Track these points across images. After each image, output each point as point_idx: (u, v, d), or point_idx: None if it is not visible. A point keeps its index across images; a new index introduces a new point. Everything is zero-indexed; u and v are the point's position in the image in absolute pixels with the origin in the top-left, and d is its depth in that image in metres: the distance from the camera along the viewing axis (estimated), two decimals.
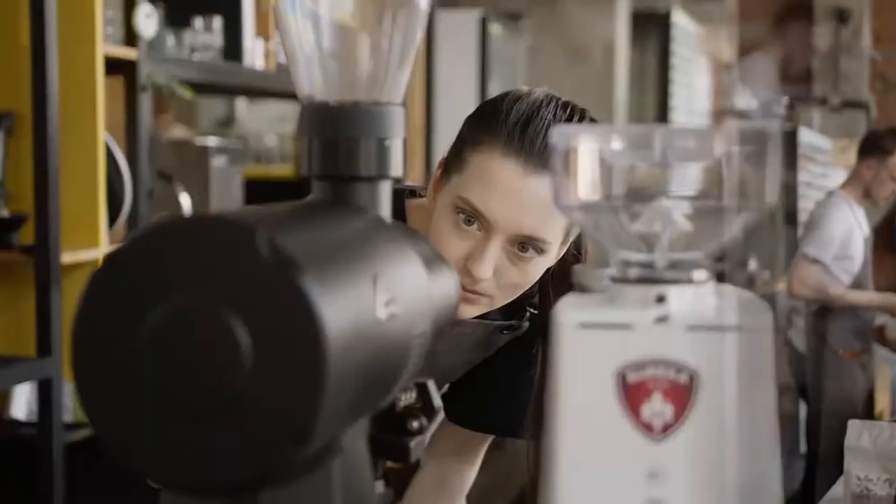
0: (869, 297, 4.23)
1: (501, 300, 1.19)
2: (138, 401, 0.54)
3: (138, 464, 0.54)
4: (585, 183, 0.61)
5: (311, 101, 0.67)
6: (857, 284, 4.06)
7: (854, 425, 1.70)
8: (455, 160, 1.18)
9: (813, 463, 4.06)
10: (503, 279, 1.16)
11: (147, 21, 2.55)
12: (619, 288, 0.60)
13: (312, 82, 0.67)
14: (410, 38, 0.68)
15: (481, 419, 1.40)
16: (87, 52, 2.37)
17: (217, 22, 3.00)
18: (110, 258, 0.54)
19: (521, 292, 1.20)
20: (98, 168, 2.41)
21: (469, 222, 1.15)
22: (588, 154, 0.61)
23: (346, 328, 0.53)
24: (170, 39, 2.81)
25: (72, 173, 2.37)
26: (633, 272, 0.60)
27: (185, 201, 2.86)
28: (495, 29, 5.06)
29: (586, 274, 0.63)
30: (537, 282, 1.21)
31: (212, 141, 3.16)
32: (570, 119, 1.16)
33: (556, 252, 1.19)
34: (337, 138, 0.66)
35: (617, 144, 0.60)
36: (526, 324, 1.32)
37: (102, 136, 2.43)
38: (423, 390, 0.75)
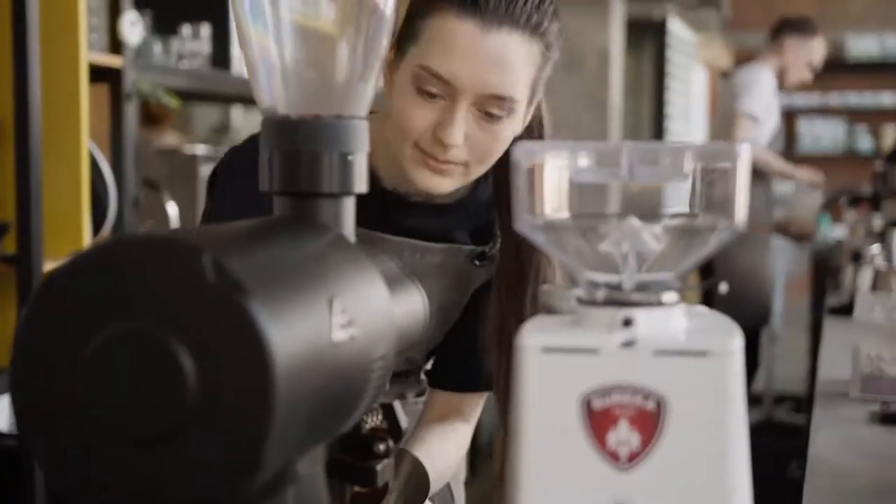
0: (793, 168, 4.39)
1: (476, 169, 1.17)
2: (80, 428, 0.51)
3: (81, 493, 0.52)
4: (551, 201, 0.59)
5: (272, 114, 0.65)
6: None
7: (864, 298, 1.52)
8: (408, 33, 1.16)
9: None
10: (474, 145, 1.14)
11: (132, 28, 2.52)
12: (585, 310, 0.58)
13: (273, 95, 0.65)
14: (374, 49, 0.66)
15: (452, 381, 1.37)
16: (71, 59, 2.34)
17: (205, 29, 2.98)
18: (50, 279, 0.51)
19: (494, 160, 1.17)
20: (82, 176, 2.38)
21: (432, 95, 1.12)
22: (553, 171, 0.58)
23: (296, 352, 0.51)
24: (157, 47, 2.79)
25: (55, 182, 2.35)
26: (601, 294, 0.58)
27: (172, 210, 2.84)
28: None
29: (553, 295, 0.61)
30: (499, 167, 1.19)
31: (200, 149, 3.13)
32: None
33: (524, 113, 1.18)
34: (298, 152, 0.63)
35: (583, 162, 0.58)
36: (497, 250, 1.28)
37: (86, 144, 2.40)
38: (388, 411, 0.73)
